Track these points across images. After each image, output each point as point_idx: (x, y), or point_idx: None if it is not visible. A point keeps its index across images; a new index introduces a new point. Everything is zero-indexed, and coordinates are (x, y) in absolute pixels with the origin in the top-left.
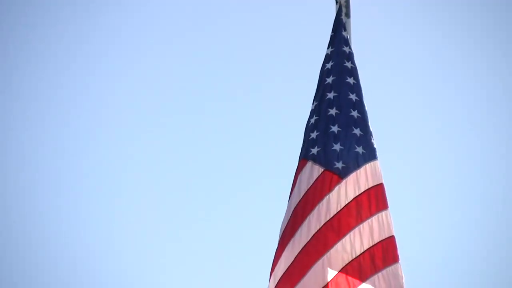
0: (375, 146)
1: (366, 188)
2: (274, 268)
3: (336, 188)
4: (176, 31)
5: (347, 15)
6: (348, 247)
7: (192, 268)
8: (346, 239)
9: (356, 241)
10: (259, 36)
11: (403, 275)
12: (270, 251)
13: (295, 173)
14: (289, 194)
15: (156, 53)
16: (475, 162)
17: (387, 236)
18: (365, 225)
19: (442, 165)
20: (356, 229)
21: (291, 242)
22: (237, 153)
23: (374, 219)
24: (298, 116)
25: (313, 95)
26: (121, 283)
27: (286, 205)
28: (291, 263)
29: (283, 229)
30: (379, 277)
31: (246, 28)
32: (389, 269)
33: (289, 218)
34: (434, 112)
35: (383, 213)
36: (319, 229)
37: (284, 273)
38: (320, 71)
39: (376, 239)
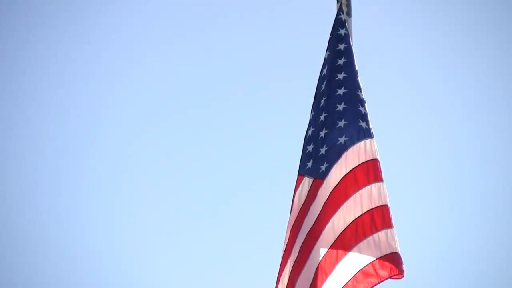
0: (365, 127)
1: (364, 161)
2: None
3: (320, 189)
4: (176, 31)
5: (348, 14)
6: (347, 212)
7: (192, 269)
8: (344, 207)
9: (357, 206)
10: (259, 36)
11: (398, 243)
12: (271, 251)
13: (294, 189)
14: (289, 211)
15: (156, 53)
16: (475, 162)
17: (384, 203)
18: (363, 192)
19: (442, 165)
20: (356, 195)
21: (291, 255)
22: (238, 154)
23: (373, 187)
24: (299, 116)
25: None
26: (121, 283)
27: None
28: (295, 260)
29: (284, 248)
30: (379, 236)
31: (247, 28)
32: (388, 231)
33: (288, 235)
34: (434, 111)
35: (381, 183)
36: (312, 225)
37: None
38: (318, 78)
39: (375, 204)
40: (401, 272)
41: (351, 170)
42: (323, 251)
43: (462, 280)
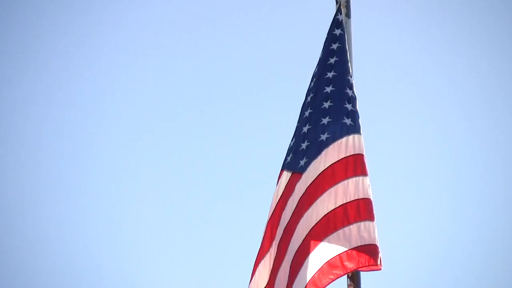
0: (350, 124)
1: (344, 156)
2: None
3: (298, 182)
4: (176, 32)
5: (348, 15)
6: (320, 206)
7: (192, 268)
8: (318, 201)
9: (331, 200)
10: (259, 36)
11: (377, 235)
12: None
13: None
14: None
15: (156, 53)
16: (475, 162)
17: (361, 197)
18: (339, 186)
19: (442, 165)
20: (332, 189)
21: (270, 250)
22: (238, 154)
23: (350, 181)
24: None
25: None
26: (121, 283)
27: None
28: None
29: (261, 241)
30: (350, 229)
31: (246, 28)
32: (362, 223)
33: (265, 229)
34: (434, 111)
35: (361, 178)
36: (290, 218)
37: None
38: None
39: (350, 198)
40: (373, 264)
41: (329, 166)
42: (296, 246)
43: (462, 279)
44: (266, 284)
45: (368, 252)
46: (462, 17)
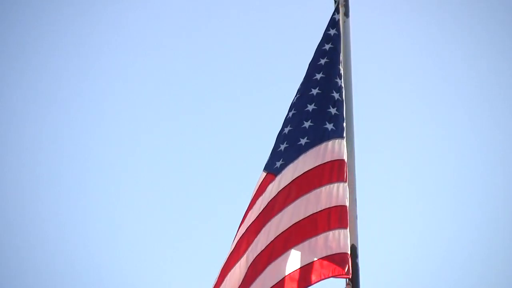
0: (331, 129)
1: (320, 163)
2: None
3: (271, 184)
4: (176, 32)
5: (346, 14)
6: (290, 214)
7: (192, 268)
8: (290, 207)
9: (301, 208)
10: (258, 36)
11: (348, 242)
12: None
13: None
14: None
15: (156, 54)
16: (475, 162)
17: (334, 205)
18: (312, 195)
19: (442, 165)
20: (304, 198)
21: (231, 245)
22: (239, 154)
23: (323, 189)
24: None
25: None
26: (121, 283)
27: None
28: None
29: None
30: (317, 240)
31: (245, 28)
32: (331, 232)
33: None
34: (433, 111)
35: (336, 184)
36: (256, 218)
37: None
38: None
39: (321, 207)
40: (338, 274)
41: (304, 173)
42: (259, 249)
43: (462, 279)
44: (217, 278)
45: (334, 262)
46: (462, 17)
